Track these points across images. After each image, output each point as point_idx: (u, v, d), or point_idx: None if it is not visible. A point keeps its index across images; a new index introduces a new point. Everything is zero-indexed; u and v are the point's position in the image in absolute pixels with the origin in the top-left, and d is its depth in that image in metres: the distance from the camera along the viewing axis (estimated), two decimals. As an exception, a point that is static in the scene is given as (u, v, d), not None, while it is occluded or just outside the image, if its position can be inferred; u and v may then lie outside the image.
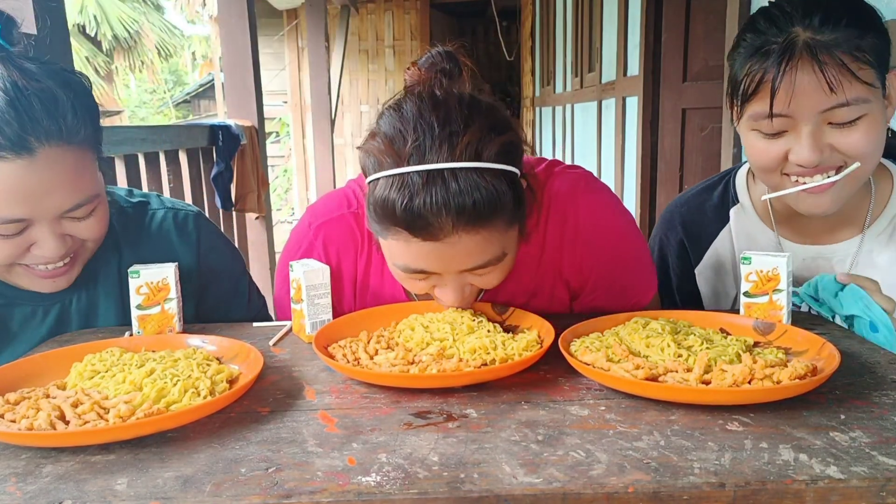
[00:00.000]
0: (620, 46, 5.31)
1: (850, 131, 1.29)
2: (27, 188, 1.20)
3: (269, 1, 10.69)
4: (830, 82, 1.23)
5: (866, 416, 0.94)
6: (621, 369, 1.05)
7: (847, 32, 1.25)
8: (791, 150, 1.33)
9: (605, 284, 1.43)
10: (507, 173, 1.16)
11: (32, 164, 1.19)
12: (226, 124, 3.96)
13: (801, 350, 1.15)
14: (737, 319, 1.28)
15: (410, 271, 1.22)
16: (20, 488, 0.82)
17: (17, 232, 1.25)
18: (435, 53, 1.28)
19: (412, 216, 1.11)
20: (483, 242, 1.16)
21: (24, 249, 1.28)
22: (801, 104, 1.27)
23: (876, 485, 0.79)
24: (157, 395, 1.01)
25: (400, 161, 1.12)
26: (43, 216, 1.25)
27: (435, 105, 1.16)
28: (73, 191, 1.27)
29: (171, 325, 1.37)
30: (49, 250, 1.28)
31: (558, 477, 0.81)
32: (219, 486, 0.81)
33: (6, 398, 1.02)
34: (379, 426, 0.96)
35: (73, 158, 1.25)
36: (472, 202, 1.10)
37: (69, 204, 1.27)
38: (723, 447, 0.87)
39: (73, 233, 1.32)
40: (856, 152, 1.30)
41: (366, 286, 1.48)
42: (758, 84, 1.31)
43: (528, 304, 1.43)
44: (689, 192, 1.72)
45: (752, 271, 1.29)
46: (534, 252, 1.41)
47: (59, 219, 1.28)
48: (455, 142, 1.11)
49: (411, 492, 0.79)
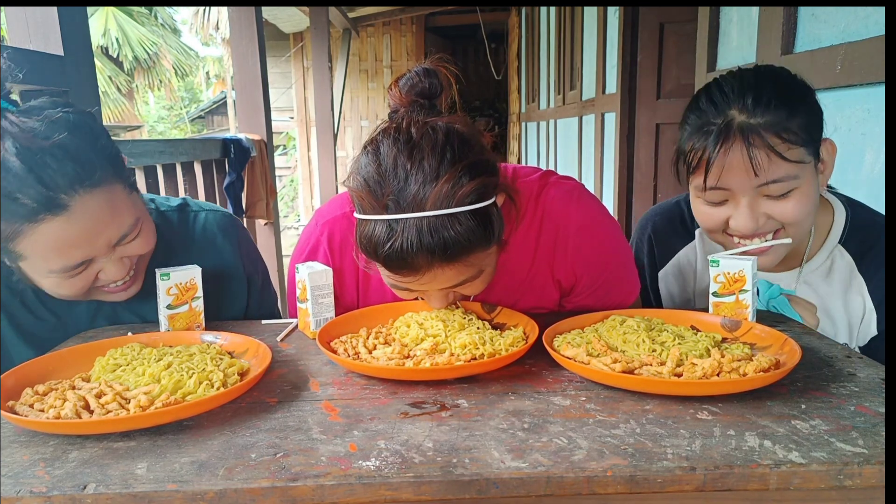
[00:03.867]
0: (599, 66, 5.32)
1: (783, 202, 1.32)
2: (75, 237, 1.20)
3: (277, 25, 10.70)
4: (756, 166, 1.27)
5: (825, 405, 0.95)
6: (600, 363, 1.05)
7: (776, 114, 1.27)
8: (731, 217, 1.37)
9: (592, 286, 1.43)
10: (480, 210, 1.13)
11: (71, 216, 1.18)
12: (237, 138, 3.96)
13: (766, 345, 1.15)
14: (706, 317, 1.28)
15: (398, 289, 1.24)
16: (48, 472, 0.81)
17: (82, 270, 1.27)
18: (414, 74, 1.25)
19: (390, 257, 1.11)
20: (458, 271, 1.16)
21: (92, 280, 1.30)
22: (735, 180, 1.31)
23: (834, 469, 0.79)
24: (174, 386, 1.01)
25: (378, 207, 1.11)
26: (98, 252, 1.26)
27: (410, 151, 1.12)
28: (116, 225, 1.26)
29: (199, 322, 1.37)
30: (113, 274, 1.31)
31: (543, 462, 0.81)
32: (231, 470, 0.81)
33: (35, 389, 1.01)
34: (378, 415, 0.96)
35: (104, 197, 1.23)
36: (443, 244, 1.09)
37: (116, 237, 1.27)
38: (694, 434, 0.87)
39: (128, 254, 1.32)
40: (789, 219, 1.33)
41: (368, 279, 1.47)
42: (698, 161, 1.33)
43: (519, 301, 1.44)
44: (665, 203, 1.73)
45: (719, 273, 1.29)
46: (528, 254, 1.41)
47: (112, 248, 1.28)
48: (427, 191, 1.09)
49: (408, 475, 0.79)
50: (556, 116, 7.58)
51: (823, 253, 1.48)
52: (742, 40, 2.75)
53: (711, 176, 1.31)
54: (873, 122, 1.86)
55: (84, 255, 1.24)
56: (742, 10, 2.75)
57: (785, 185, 1.29)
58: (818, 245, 1.48)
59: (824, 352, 1.17)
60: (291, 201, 13.35)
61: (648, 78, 4.72)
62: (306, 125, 11.86)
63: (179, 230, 1.54)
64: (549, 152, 8.27)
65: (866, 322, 1.45)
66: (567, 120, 6.98)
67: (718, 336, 1.18)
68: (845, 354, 1.15)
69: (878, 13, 1.85)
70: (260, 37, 4.27)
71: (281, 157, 13.74)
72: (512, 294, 1.44)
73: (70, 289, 1.28)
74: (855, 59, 1.88)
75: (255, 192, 4.06)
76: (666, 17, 4.59)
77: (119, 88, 20.86)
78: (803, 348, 1.07)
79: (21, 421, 0.90)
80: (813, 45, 2.17)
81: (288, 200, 13.37)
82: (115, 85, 20.43)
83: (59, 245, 1.19)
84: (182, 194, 3.32)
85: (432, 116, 1.19)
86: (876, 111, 1.85)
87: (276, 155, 12.74)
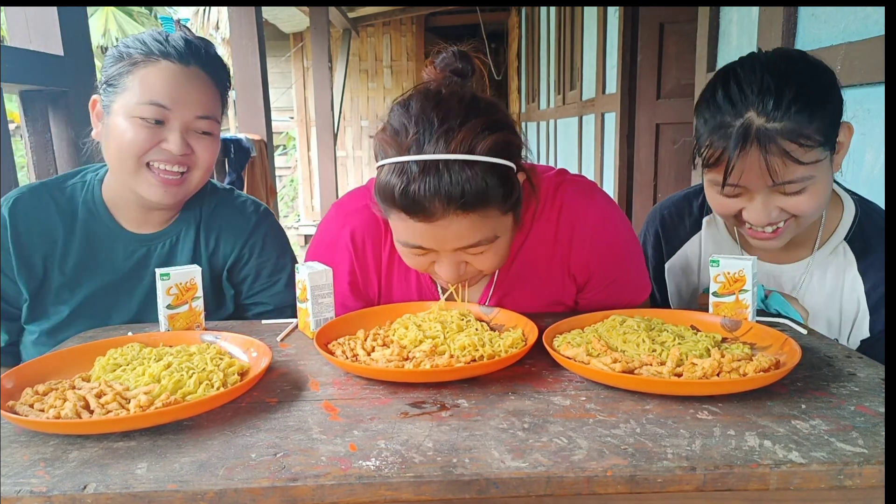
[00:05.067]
0: (599, 66, 5.32)
1: (797, 197, 1.32)
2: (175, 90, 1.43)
3: (276, 25, 10.69)
4: (773, 171, 1.27)
5: (825, 405, 0.95)
6: (600, 363, 1.05)
7: (796, 119, 1.25)
8: (745, 209, 1.38)
9: (605, 281, 1.45)
10: (499, 167, 1.16)
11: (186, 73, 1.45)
12: (237, 138, 3.96)
13: (766, 345, 1.15)
14: (706, 317, 1.28)
15: (410, 246, 1.24)
16: (48, 472, 0.81)
17: (155, 123, 1.42)
18: (450, 53, 1.32)
19: (408, 200, 1.13)
20: (473, 226, 1.18)
21: (155, 143, 1.44)
22: (751, 180, 1.31)
23: (834, 469, 0.79)
24: (174, 386, 1.01)
25: (401, 151, 1.15)
26: (177, 118, 1.44)
27: (437, 103, 1.17)
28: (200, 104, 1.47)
29: (199, 321, 1.37)
30: (175, 147, 1.44)
31: (543, 462, 0.81)
32: (231, 470, 0.81)
33: (35, 389, 1.01)
34: (378, 415, 0.96)
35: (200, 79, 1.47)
36: (460, 191, 1.12)
37: (199, 112, 1.46)
38: (694, 434, 0.87)
39: (193, 143, 1.47)
40: (802, 212, 1.34)
41: (391, 271, 1.48)
42: (716, 160, 1.34)
43: (540, 297, 1.47)
44: (674, 196, 1.75)
45: (720, 273, 1.29)
46: (547, 247, 1.43)
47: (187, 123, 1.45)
48: (451, 137, 1.13)
49: (408, 475, 0.79)
50: (556, 116, 7.58)
51: (828, 247, 1.48)
52: (742, 40, 2.76)
53: (731, 177, 1.32)
54: (873, 122, 1.86)
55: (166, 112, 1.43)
56: (742, 10, 2.75)
57: (799, 184, 1.30)
58: (827, 236, 1.49)
59: (824, 352, 1.17)
60: (291, 201, 13.35)
61: (648, 78, 4.72)
62: (306, 125, 11.85)
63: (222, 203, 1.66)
64: (549, 152, 8.26)
65: (858, 324, 1.45)
66: (567, 120, 6.98)
67: (718, 336, 1.18)
68: (845, 354, 1.15)
69: (878, 13, 1.85)
70: (260, 37, 4.28)
71: (281, 157, 13.74)
72: (532, 289, 1.46)
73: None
74: (855, 59, 1.88)
75: (255, 191, 4.07)
76: (666, 17, 4.60)
77: (119, 88, 20.83)
78: (803, 348, 1.07)
79: (21, 421, 0.90)
80: (813, 45, 2.17)
81: (288, 200, 13.37)
82: (114, 85, 20.39)
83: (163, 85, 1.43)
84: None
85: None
86: (876, 111, 1.85)
87: (276, 155, 12.74)
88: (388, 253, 1.45)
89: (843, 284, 1.46)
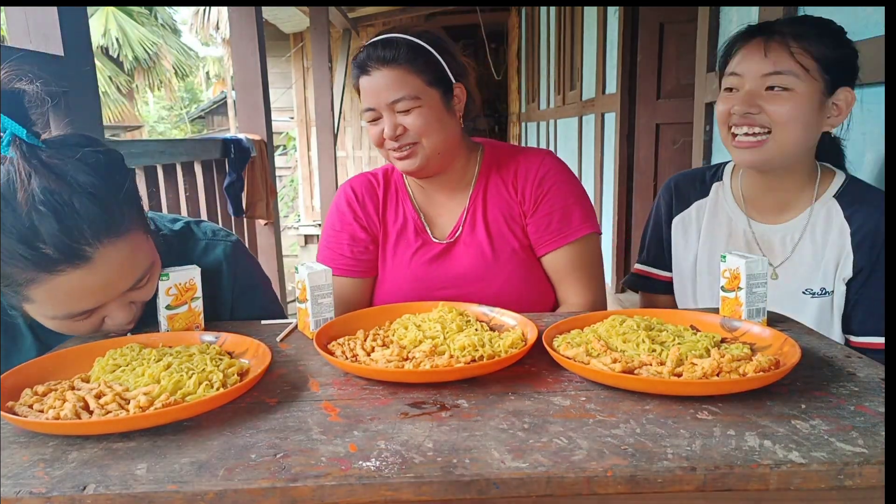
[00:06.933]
0: (599, 66, 5.32)
1: (780, 101, 1.48)
2: (90, 287, 1.16)
3: (277, 25, 10.69)
4: (768, 54, 1.48)
5: (825, 405, 0.95)
6: (600, 363, 1.05)
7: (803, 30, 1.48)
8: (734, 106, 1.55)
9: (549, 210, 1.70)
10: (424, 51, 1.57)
11: (91, 268, 1.14)
12: (237, 138, 3.96)
13: (765, 345, 1.15)
14: (706, 317, 1.29)
15: (365, 110, 1.61)
16: (48, 473, 0.81)
17: (88, 316, 1.23)
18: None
19: (358, 62, 1.60)
20: (395, 81, 1.55)
21: (98, 324, 1.26)
22: (749, 68, 1.51)
23: (834, 469, 0.79)
24: (173, 387, 1.01)
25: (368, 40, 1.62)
26: (109, 299, 1.23)
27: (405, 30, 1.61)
28: (131, 275, 1.23)
29: (198, 322, 1.37)
30: (120, 319, 1.27)
31: (543, 462, 0.81)
32: (231, 470, 0.81)
33: (34, 390, 1.01)
34: (378, 415, 0.96)
35: (126, 247, 1.19)
36: (392, 54, 1.55)
37: (130, 284, 1.23)
38: (694, 434, 0.87)
39: (136, 299, 1.29)
40: (779, 119, 1.48)
41: (386, 234, 1.78)
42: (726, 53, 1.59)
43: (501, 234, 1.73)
44: (689, 170, 1.94)
45: (726, 268, 1.31)
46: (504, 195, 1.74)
47: (122, 294, 1.24)
48: (410, 32, 1.58)
49: (408, 476, 0.79)
50: (556, 116, 7.57)
51: (820, 205, 1.60)
52: (742, 40, 2.75)
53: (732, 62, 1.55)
54: (873, 122, 1.86)
55: (94, 302, 1.20)
56: (742, 10, 2.75)
57: (785, 78, 1.46)
58: (819, 197, 1.61)
59: (824, 351, 1.17)
60: (291, 201, 13.36)
61: (648, 78, 4.72)
62: (306, 125, 11.85)
63: (179, 258, 1.44)
64: (548, 152, 8.24)
65: (843, 263, 1.55)
66: (567, 120, 6.98)
67: (718, 336, 1.18)
68: (845, 354, 1.15)
69: (878, 13, 1.85)
70: (260, 37, 4.27)
71: (281, 157, 13.75)
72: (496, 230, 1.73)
73: (73, 331, 1.26)
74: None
75: (255, 192, 4.06)
76: (666, 17, 4.59)
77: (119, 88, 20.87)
78: (803, 348, 1.07)
79: (20, 422, 0.90)
80: (813, 44, 2.16)
81: (288, 200, 13.38)
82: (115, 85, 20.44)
83: (72, 294, 1.15)
84: (182, 194, 3.32)
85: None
86: (876, 111, 1.85)
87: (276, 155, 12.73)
88: (382, 203, 1.79)
89: (830, 231, 1.57)
